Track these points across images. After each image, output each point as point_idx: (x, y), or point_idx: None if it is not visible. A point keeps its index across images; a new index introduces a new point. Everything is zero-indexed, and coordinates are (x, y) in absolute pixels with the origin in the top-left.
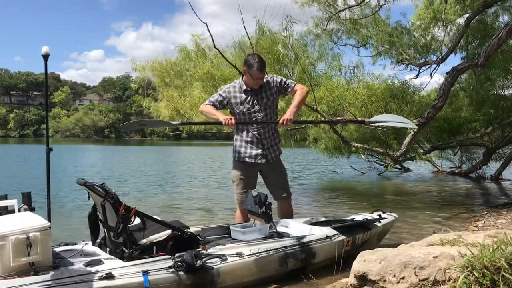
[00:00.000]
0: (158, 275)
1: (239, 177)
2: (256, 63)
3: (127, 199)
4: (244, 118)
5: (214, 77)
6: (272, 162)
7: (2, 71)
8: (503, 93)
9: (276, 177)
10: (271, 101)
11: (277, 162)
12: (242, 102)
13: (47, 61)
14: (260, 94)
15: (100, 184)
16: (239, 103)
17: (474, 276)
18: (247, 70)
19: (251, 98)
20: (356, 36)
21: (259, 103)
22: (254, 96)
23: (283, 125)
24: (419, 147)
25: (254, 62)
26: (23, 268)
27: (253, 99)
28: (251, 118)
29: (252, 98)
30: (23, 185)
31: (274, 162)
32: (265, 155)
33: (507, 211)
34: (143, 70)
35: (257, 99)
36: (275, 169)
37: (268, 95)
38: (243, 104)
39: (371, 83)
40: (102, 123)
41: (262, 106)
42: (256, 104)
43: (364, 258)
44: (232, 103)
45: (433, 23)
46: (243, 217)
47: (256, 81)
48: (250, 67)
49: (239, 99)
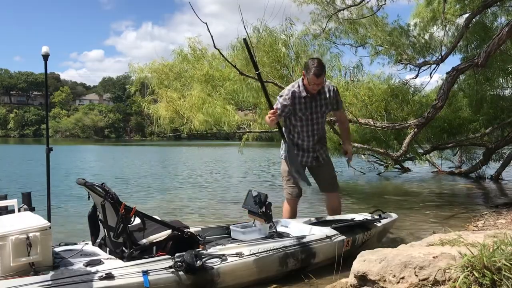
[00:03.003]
0: (158, 275)
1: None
2: (314, 68)
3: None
4: (301, 124)
5: (213, 78)
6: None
7: (2, 71)
8: (503, 93)
9: (324, 174)
10: (328, 109)
11: (327, 161)
12: (300, 108)
13: (47, 61)
14: (319, 100)
15: (100, 184)
16: (298, 109)
17: (474, 276)
18: (305, 74)
19: (310, 104)
20: (354, 36)
21: (317, 110)
22: (313, 101)
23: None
24: (419, 147)
25: (312, 66)
26: (23, 268)
27: (312, 105)
28: (308, 123)
29: (310, 104)
30: (23, 185)
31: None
32: (317, 157)
33: (507, 211)
34: (141, 72)
35: (315, 105)
36: (325, 167)
37: (324, 103)
38: (302, 110)
39: (371, 83)
40: (102, 123)
41: (319, 113)
42: (314, 112)
43: (364, 258)
44: (293, 109)
45: (433, 23)
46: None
47: (313, 87)
48: (308, 71)
49: (298, 105)
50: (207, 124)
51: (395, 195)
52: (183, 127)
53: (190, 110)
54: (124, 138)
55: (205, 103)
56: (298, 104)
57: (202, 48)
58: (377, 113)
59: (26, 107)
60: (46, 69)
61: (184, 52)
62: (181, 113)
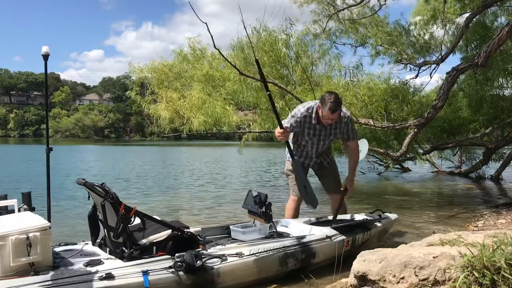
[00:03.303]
0: (158, 275)
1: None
2: (330, 103)
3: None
4: (306, 144)
5: (213, 78)
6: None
7: (2, 71)
8: (503, 93)
9: (329, 176)
10: (337, 138)
11: (331, 164)
12: (309, 133)
13: (47, 61)
14: (329, 129)
15: (100, 184)
16: (307, 134)
17: (474, 276)
18: (320, 106)
19: (320, 132)
20: (355, 36)
21: (325, 138)
22: (324, 130)
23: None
24: (419, 147)
25: (329, 101)
26: (23, 268)
27: (321, 133)
28: (313, 145)
29: (320, 132)
30: (23, 185)
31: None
32: (320, 162)
33: (507, 211)
34: (141, 72)
35: (324, 134)
36: (329, 169)
37: (334, 133)
38: (309, 135)
39: (371, 83)
40: (102, 123)
41: (326, 140)
42: (321, 140)
43: (364, 258)
44: (304, 129)
45: (432, 22)
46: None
47: (327, 120)
48: (323, 105)
49: (307, 130)
50: (207, 124)
51: (395, 195)
52: (183, 127)
53: (190, 110)
54: (124, 138)
55: (205, 103)
56: (307, 129)
57: (201, 48)
58: (377, 113)
59: (26, 107)
60: (46, 69)
61: (184, 52)
62: (181, 113)
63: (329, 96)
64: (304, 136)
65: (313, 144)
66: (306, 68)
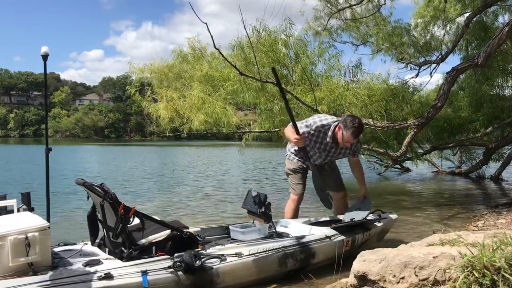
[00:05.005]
0: (157, 275)
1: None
2: (354, 128)
3: (126, 199)
4: (312, 154)
5: (213, 78)
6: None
7: (2, 71)
8: (503, 93)
9: (330, 176)
10: (344, 156)
11: (332, 166)
12: (319, 147)
13: (46, 61)
14: (340, 149)
15: (99, 184)
16: (317, 147)
17: (474, 276)
18: (342, 127)
19: (331, 149)
20: (356, 34)
21: (334, 154)
22: (334, 148)
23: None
24: (419, 147)
25: (352, 126)
26: (22, 268)
27: (332, 150)
28: (320, 157)
29: (331, 149)
30: (22, 185)
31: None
32: (322, 166)
33: (507, 211)
34: (141, 73)
35: (334, 151)
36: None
37: (344, 152)
38: (320, 149)
39: (371, 83)
40: (102, 123)
41: (334, 157)
42: (329, 156)
43: (364, 258)
44: (313, 142)
45: (433, 22)
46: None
47: (344, 143)
48: (346, 128)
49: (318, 144)
50: (207, 124)
51: (395, 195)
52: (183, 127)
53: (190, 110)
54: (124, 138)
55: (205, 103)
56: (319, 143)
57: (201, 47)
58: (377, 113)
59: (26, 107)
60: (46, 69)
61: (183, 52)
62: (181, 113)
63: (353, 120)
64: (313, 149)
65: (320, 157)
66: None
